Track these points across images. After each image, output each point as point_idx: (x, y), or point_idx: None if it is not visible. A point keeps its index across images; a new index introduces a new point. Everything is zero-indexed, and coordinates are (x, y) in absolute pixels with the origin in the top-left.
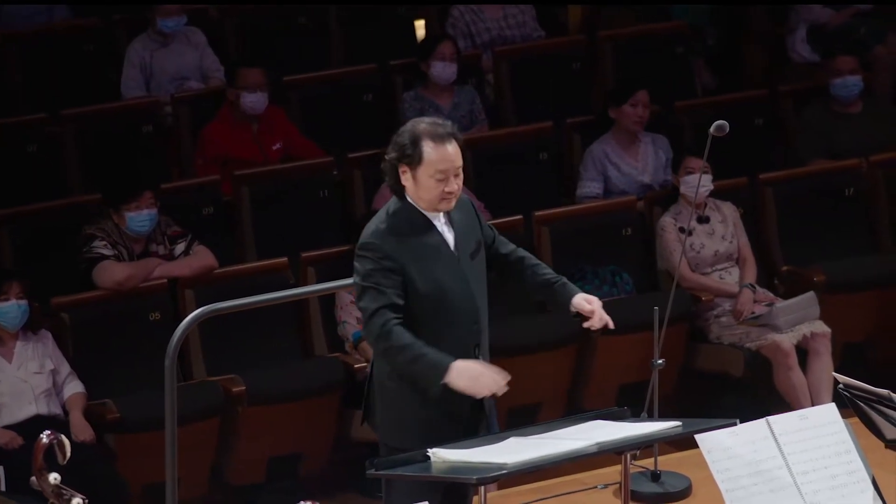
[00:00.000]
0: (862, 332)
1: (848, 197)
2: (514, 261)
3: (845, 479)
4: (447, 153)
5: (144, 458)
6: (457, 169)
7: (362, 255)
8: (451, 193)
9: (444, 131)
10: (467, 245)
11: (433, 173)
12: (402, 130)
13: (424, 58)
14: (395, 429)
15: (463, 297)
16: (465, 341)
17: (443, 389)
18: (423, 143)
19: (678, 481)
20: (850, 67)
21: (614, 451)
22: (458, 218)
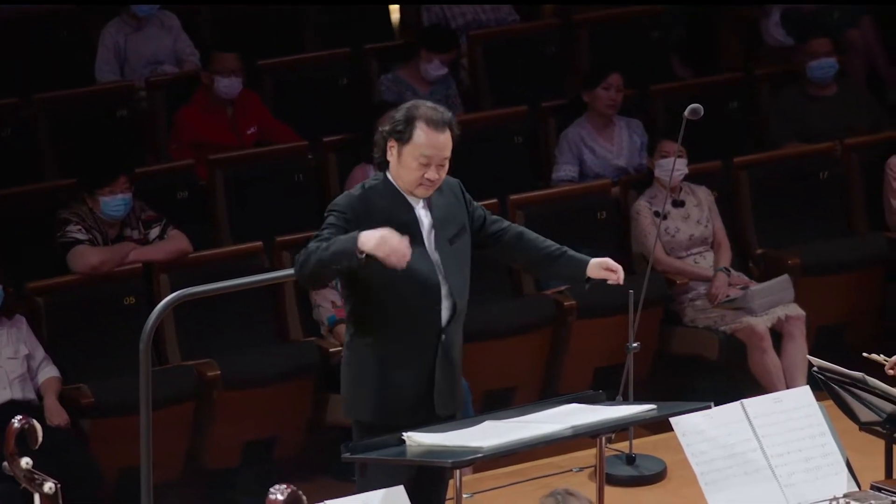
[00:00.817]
0: (836, 315)
1: (822, 180)
2: (512, 237)
3: (819, 461)
4: (437, 140)
5: (119, 443)
6: (442, 159)
7: (326, 214)
8: (431, 181)
9: (441, 119)
10: (445, 229)
11: (418, 156)
12: (402, 107)
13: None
14: (353, 400)
15: (425, 277)
16: (426, 321)
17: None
18: (417, 125)
19: (653, 464)
20: (825, 49)
21: (589, 434)
22: (439, 201)
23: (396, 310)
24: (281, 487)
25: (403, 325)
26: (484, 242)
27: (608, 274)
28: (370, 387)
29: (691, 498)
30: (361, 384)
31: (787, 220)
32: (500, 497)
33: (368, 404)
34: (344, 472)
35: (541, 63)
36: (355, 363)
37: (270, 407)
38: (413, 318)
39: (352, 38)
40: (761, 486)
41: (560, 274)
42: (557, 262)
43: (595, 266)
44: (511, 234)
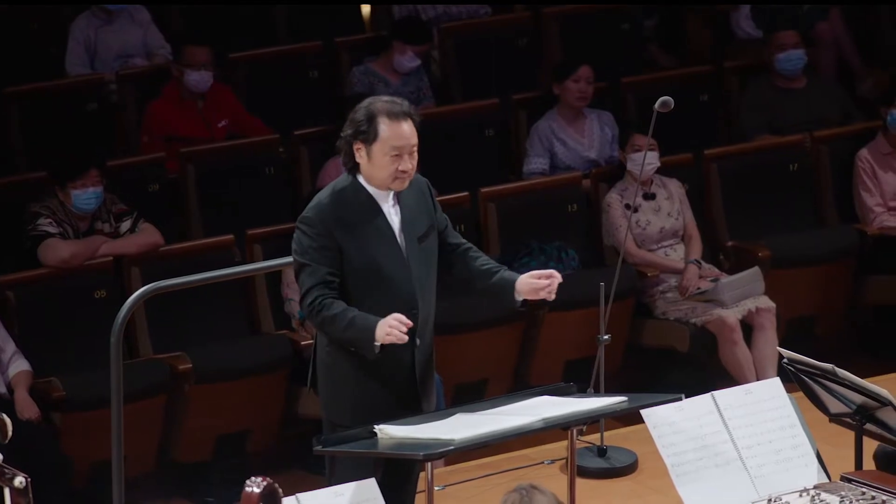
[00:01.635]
0: (806, 306)
1: (792, 172)
2: (462, 251)
3: (790, 452)
4: (402, 131)
5: (90, 437)
6: (411, 147)
7: (301, 229)
8: (405, 172)
9: (401, 109)
10: (414, 228)
11: (388, 150)
12: (359, 107)
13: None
14: (332, 404)
15: (402, 279)
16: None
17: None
18: (379, 121)
19: (624, 456)
20: (793, 41)
21: (561, 426)
22: (408, 200)
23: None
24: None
25: None
26: (444, 257)
27: (538, 285)
28: (350, 391)
29: (662, 490)
30: (341, 389)
31: (757, 213)
32: (472, 489)
33: (347, 408)
34: (316, 464)
35: (512, 56)
36: (335, 367)
37: (242, 400)
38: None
39: (323, 32)
40: (732, 478)
41: (492, 291)
42: (490, 279)
43: (524, 283)
44: (463, 247)
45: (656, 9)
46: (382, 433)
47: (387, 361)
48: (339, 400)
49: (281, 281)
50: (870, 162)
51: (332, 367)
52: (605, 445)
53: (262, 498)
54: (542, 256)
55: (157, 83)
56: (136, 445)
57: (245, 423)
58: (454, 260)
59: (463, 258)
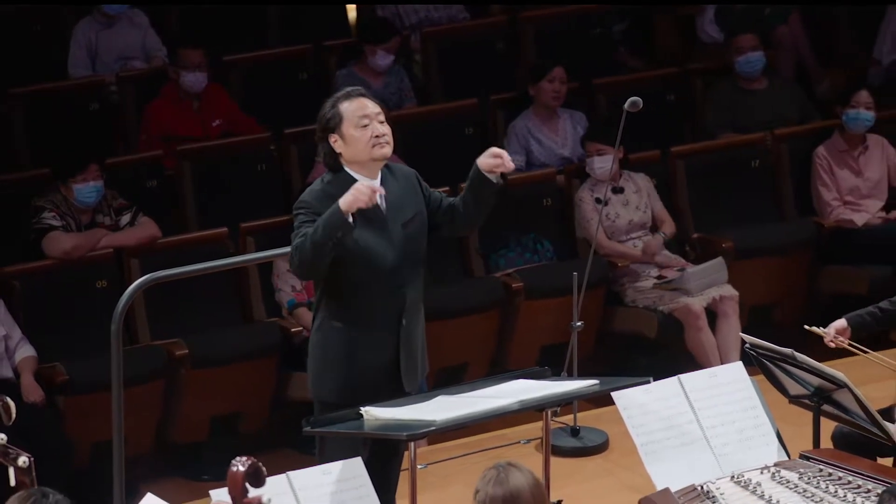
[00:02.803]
0: (767, 295)
1: (754, 168)
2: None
3: (752, 432)
4: (362, 102)
5: (92, 419)
6: (377, 115)
7: (297, 212)
8: (380, 136)
9: (354, 90)
10: (401, 214)
11: (356, 122)
12: (322, 109)
13: (372, 42)
14: (319, 382)
15: (390, 260)
16: (391, 301)
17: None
18: (339, 105)
19: (596, 436)
20: (751, 44)
21: (536, 408)
22: (394, 188)
23: (361, 294)
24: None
25: (369, 309)
26: (443, 220)
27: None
28: (337, 369)
29: (632, 467)
30: (328, 367)
31: (721, 206)
32: (453, 467)
33: (334, 386)
34: (305, 444)
35: (489, 58)
36: (323, 346)
37: (235, 384)
38: (375, 302)
39: (312, 36)
40: (697, 456)
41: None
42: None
43: (485, 164)
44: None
45: (626, 14)
46: (368, 415)
47: (373, 341)
48: (327, 378)
49: (272, 271)
50: (827, 159)
51: (322, 346)
52: (578, 426)
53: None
54: (518, 248)
55: (155, 84)
56: (136, 427)
57: (238, 405)
58: (448, 214)
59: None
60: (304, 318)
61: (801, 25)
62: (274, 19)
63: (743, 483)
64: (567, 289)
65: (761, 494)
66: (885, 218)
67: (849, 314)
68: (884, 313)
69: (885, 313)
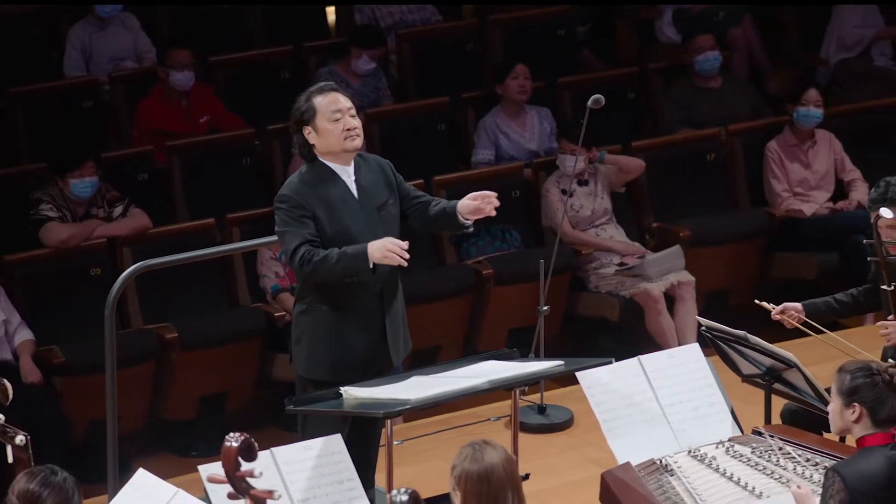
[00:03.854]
0: (722, 280)
1: (709, 162)
2: (424, 204)
3: (707, 409)
4: (334, 96)
5: (88, 398)
6: (348, 109)
7: (278, 206)
8: (351, 129)
9: (326, 85)
10: (374, 198)
11: (329, 116)
12: (296, 102)
13: (360, 46)
14: (309, 362)
15: (367, 240)
16: (372, 279)
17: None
18: (313, 99)
19: (562, 413)
20: (709, 45)
21: (505, 387)
22: (367, 175)
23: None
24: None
25: (353, 289)
26: (408, 210)
27: (478, 207)
28: (328, 349)
29: (595, 443)
30: (319, 347)
31: (678, 197)
32: (427, 443)
33: (327, 365)
34: (289, 422)
35: (461, 59)
36: (312, 328)
37: (222, 365)
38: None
39: (293, 37)
40: (656, 432)
41: (440, 221)
42: (440, 215)
43: (464, 207)
44: (426, 201)
45: (589, 17)
46: (347, 394)
47: (359, 319)
48: (317, 358)
49: (256, 259)
50: (778, 153)
51: (312, 328)
52: (545, 404)
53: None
54: (488, 237)
55: (145, 83)
56: (128, 406)
57: (225, 385)
58: (419, 213)
59: (422, 207)
60: (287, 303)
61: (753, 28)
62: (257, 22)
63: (699, 457)
64: (534, 275)
65: (716, 468)
66: (832, 208)
67: (805, 301)
68: (840, 305)
69: (842, 305)
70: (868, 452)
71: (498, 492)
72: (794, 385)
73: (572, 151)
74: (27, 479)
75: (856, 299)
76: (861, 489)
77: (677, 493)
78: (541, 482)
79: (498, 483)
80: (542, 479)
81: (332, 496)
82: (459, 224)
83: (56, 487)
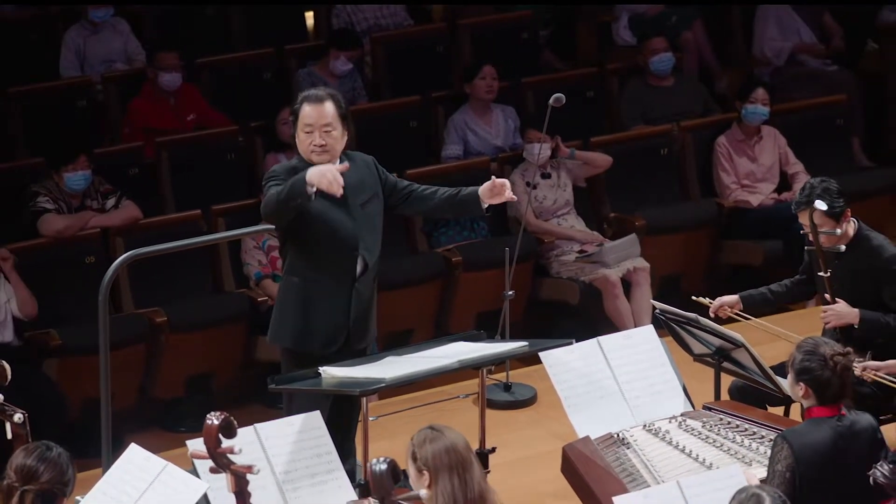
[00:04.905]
0: (675, 266)
1: (663, 156)
2: (420, 191)
3: (661, 386)
4: (312, 111)
5: (83, 378)
6: (323, 126)
7: (267, 182)
8: (318, 147)
9: (318, 94)
10: (356, 194)
11: (303, 127)
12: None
13: (338, 48)
14: (278, 327)
15: (345, 230)
16: (345, 265)
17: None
18: (302, 104)
19: (526, 391)
20: (662, 47)
21: (473, 366)
22: (353, 173)
23: (320, 258)
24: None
25: (325, 270)
26: (399, 201)
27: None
28: (293, 318)
29: (557, 418)
30: (286, 317)
31: (634, 189)
32: (401, 419)
33: (291, 333)
34: (272, 400)
35: (431, 60)
36: (284, 298)
37: (209, 347)
38: (332, 265)
39: (274, 40)
40: (614, 408)
41: (460, 208)
42: (457, 198)
43: (486, 193)
44: (419, 189)
45: (550, 21)
46: (325, 374)
47: (327, 297)
48: (284, 325)
49: (241, 248)
50: (726, 147)
51: (283, 298)
52: (510, 382)
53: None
54: (457, 226)
55: (136, 84)
56: (121, 385)
57: (211, 365)
58: (412, 200)
59: (419, 196)
60: (269, 289)
61: (704, 31)
62: (240, 25)
63: (653, 431)
64: (500, 262)
65: (669, 441)
66: (777, 199)
67: (742, 292)
68: (774, 296)
69: (776, 295)
70: (816, 423)
71: (466, 457)
72: (742, 363)
73: (539, 140)
74: (24, 455)
75: (789, 289)
76: (805, 455)
77: (633, 464)
78: (507, 455)
79: (464, 451)
80: (508, 452)
81: (311, 468)
82: (480, 208)
83: (51, 462)
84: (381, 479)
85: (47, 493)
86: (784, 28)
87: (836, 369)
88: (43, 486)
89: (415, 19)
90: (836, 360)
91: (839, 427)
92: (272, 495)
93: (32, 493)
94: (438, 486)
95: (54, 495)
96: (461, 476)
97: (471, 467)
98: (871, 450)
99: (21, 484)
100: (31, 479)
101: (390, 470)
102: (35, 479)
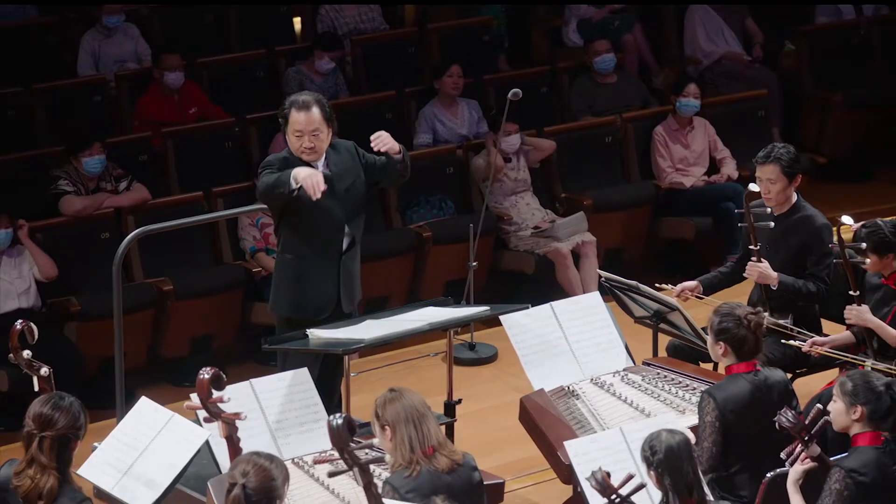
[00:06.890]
0: (617, 240)
1: (607, 143)
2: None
3: (606, 345)
4: (300, 118)
5: (99, 340)
6: (311, 131)
7: (262, 170)
8: (307, 150)
9: (305, 100)
10: (341, 181)
11: (293, 131)
12: (284, 101)
13: (322, 49)
14: (275, 298)
15: (332, 213)
16: (333, 243)
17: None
18: (290, 109)
19: (488, 350)
20: (605, 48)
21: (442, 328)
22: (336, 160)
23: (311, 238)
24: (207, 369)
25: (316, 248)
26: (378, 177)
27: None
28: (289, 291)
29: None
30: (282, 289)
31: (582, 172)
32: (379, 374)
33: (287, 303)
34: (265, 358)
35: (404, 59)
36: (281, 275)
37: (210, 312)
38: (322, 244)
39: (266, 42)
40: (565, 364)
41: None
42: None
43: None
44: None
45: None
46: (312, 335)
47: (319, 270)
48: (281, 297)
49: (237, 225)
50: (663, 136)
51: (280, 274)
52: (474, 342)
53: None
54: (427, 205)
55: (144, 82)
56: (132, 346)
57: (212, 328)
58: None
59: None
60: (263, 261)
61: (642, 34)
62: (236, 29)
63: (600, 384)
64: (465, 237)
65: (613, 392)
66: (707, 181)
67: (700, 277)
68: (724, 276)
69: (726, 275)
70: (734, 378)
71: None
72: (677, 325)
73: (515, 131)
74: (40, 404)
75: (734, 268)
76: (728, 407)
77: (582, 413)
78: (472, 405)
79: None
80: (473, 403)
81: (300, 418)
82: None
83: (65, 410)
84: (339, 432)
85: (62, 437)
86: (709, 31)
87: (750, 326)
88: (59, 432)
89: (390, 24)
90: (749, 319)
91: (756, 381)
92: (266, 442)
93: (49, 439)
94: (397, 437)
95: (69, 440)
96: (417, 427)
97: (427, 420)
98: (783, 400)
99: (39, 430)
100: (47, 425)
101: (346, 424)
102: (51, 425)
